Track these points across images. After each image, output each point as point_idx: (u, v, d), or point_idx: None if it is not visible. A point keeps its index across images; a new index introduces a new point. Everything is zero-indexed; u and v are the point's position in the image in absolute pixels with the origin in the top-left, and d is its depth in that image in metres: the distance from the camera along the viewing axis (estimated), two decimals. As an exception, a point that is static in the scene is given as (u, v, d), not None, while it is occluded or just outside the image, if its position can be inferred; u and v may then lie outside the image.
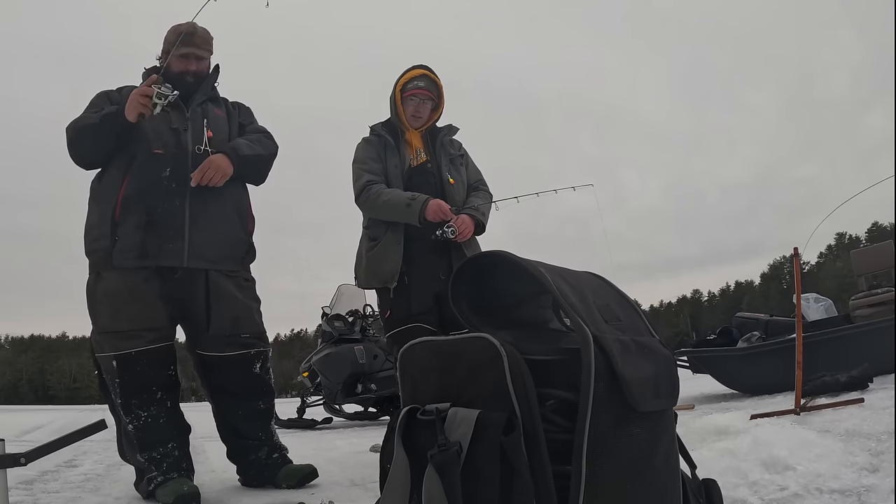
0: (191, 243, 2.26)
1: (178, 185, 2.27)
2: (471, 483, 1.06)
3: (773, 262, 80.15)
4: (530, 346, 1.13)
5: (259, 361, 2.42)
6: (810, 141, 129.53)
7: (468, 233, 2.60)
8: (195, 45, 2.40)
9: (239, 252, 2.43)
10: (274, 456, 2.42)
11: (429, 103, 2.72)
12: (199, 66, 2.44)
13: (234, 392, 2.40)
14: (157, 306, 2.25)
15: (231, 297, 2.36)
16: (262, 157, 2.48)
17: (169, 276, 2.27)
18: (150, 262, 2.23)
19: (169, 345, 2.29)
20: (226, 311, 2.34)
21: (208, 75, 2.48)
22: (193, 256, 2.27)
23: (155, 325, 2.24)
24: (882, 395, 3.15)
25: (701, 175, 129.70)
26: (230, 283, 2.37)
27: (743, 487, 1.80)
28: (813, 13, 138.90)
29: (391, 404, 6.28)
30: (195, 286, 2.31)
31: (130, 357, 2.20)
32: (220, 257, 2.35)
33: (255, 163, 2.45)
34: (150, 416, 2.22)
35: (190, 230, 2.27)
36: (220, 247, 2.34)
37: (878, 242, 7.66)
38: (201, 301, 2.32)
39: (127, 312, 2.21)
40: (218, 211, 2.35)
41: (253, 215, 2.54)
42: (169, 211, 2.25)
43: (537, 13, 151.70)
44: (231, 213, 2.41)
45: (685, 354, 5.20)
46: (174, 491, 2.09)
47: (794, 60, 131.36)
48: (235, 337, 2.36)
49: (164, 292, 2.27)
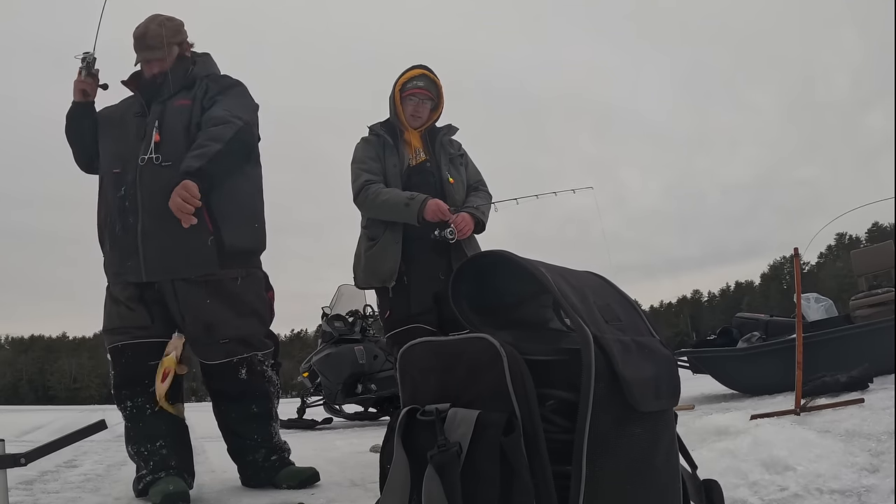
0: (145, 258, 2.24)
1: (130, 203, 2.26)
2: (471, 483, 1.06)
3: (773, 262, 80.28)
4: (530, 347, 1.13)
5: (244, 368, 2.34)
6: (811, 142, 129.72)
7: (468, 230, 2.60)
8: (148, 48, 2.33)
9: (203, 255, 2.26)
10: (272, 458, 2.41)
11: (428, 103, 2.72)
12: (163, 64, 2.35)
13: (228, 396, 2.40)
14: (139, 309, 2.29)
15: (199, 305, 2.27)
16: (220, 151, 2.21)
17: (149, 287, 2.30)
18: (122, 279, 2.31)
19: (155, 342, 2.29)
20: (196, 319, 2.28)
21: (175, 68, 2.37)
22: (150, 271, 2.25)
23: (137, 324, 2.28)
24: (882, 396, 3.15)
25: (702, 175, 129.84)
26: (201, 290, 2.27)
27: (743, 488, 1.80)
28: (816, 14, 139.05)
29: (391, 404, 6.29)
30: (168, 297, 2.30)
31: (118, 349, 2.29)
32: (179, 265, 2.26)
33: (218, 160, 2.21)
34: (136, 407, 2.25)
35: (143, 245, 2.23)
36: (178, 255, 2.24)
37: (878, 243, 7.66)
38: (176, 310, 2.31)
39: (117, 314, 2.31)
40: (169, 218, 2.18)
41: (233, 209, 2.33)
42: (125, 229, 2.27)
43: (539, 13, 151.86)
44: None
45: (685, 354, 5.20)
46: (161, 491, 2.09)
47: (797, 61, 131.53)
48: (214, 345, 2.30)
49: (146, 297, 2.30)
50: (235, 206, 2.34)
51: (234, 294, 2.33)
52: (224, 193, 2.30)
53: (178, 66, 2.39)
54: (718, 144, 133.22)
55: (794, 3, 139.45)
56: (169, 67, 2.35)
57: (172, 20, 2.40)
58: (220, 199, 2.29)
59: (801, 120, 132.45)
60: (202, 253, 2.26)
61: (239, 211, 2.36)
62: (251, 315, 2.38)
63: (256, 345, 2.38)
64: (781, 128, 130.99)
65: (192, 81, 2.40)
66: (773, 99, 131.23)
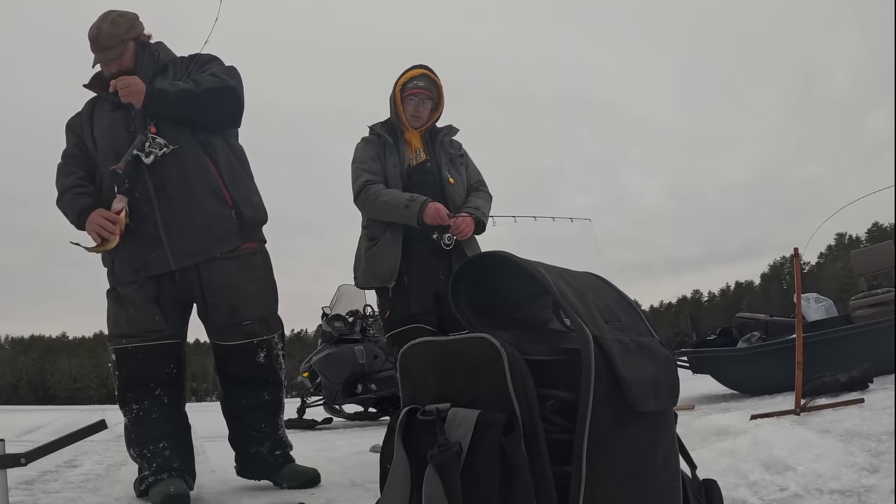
0: (171, 245, 2.22)
1: (140, 194, 2.23)
2: (471, 483, 1.06)
3: (773, 262, 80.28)
4: (530, 347, 1.13)
5: (263, 351, 2.37)
6: (812, 142, 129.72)
7: (469, 231, 2.60)
8: (102, 49, 2.28)
9: (227, 229, 2.30)
10: (276, 453, 2.40)
11: (428, 103, 2.72)
12: (121, 62, 2.31)
13: (241, 381, 2.38)
14: (151, 310, 2.26)
15: (225, 285, 2.29)
16: (192, 94, 2.22)
17: (166, 280, 2.27)
18: (143, 275, 2.25)
19: (167, 343, 2.28)
20: (222, 301, 2.30)
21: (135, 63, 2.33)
22: (178, 257, 2.23)
23: (151, 327, 2.25)
24: (882, 396, 3.15)
25: (702, 175, 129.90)
26: (226, 269, 2.30)
27: (743, 488, 1.80)
28: (816, 14, 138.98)
29: (391, 404, 6.29)
30: (191, 283, 2.29)
31: (127, 351, 2.25)
32: (206, 245, 2.27)
33: (182, 100, 2.22)
34: (143, 410, 2.23)
35: (166, 233, 2.22)
36: (201, 235, 2.26)
37: (878, 243, 7.66)
38: (199, 295, 2.30)
39: (126, 319, 2.27)
40: (187, 201, 2.24)
41: (241, 178, 2.39)
42: (141, 220, 2.23)
43: (540, 12, 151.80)
44: (201, 195, 2.28)
45: (685, 355, 5.21)
46: (161, 492, 2.09)
47: (797, 61, 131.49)
48: (236, 326, 2.32)
49: (162, 295, 2.27)
50: (242, 178, 2.41)
51: (256, 269, 2.39)
52: (231, 166, 2.37)
53: (140, 55, 2.35)
54: (719, 144, 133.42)
55: (795, 3, 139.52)
56: (128, 65, 2.31)
57: (125, 15, 2.33)
58: (230, 171, 2.35)
59: (802, 120, 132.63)
60: (226, 227, 2.31)
61: (245, 182, 2.42)
62: (269, 293, 2.43)
63: (274, 325, 2.43)
64: (782, 128, 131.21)
65: (163, 66, 2.38)
66: (773, 99, 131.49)
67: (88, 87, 2.40)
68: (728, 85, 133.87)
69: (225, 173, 2.33)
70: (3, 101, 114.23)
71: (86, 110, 2.38)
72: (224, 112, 2.35)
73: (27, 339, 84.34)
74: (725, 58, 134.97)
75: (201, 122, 2.31)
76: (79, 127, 2.37)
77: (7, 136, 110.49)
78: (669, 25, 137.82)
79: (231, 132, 2.46)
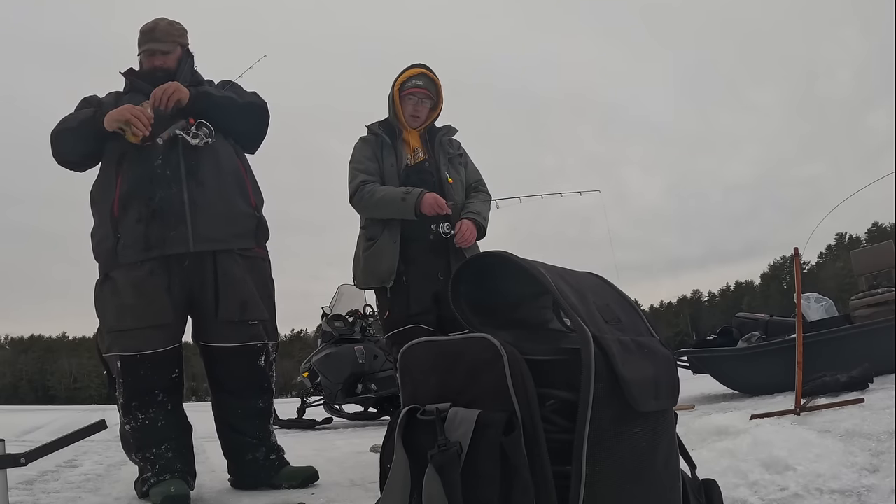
0: (194, 226, 2.22)
1: (172, 172, 2.24)
2: (471, 483, 1.06)
3: (773, 262, 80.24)
4: (530, 347, 1.13)
5: (264, 355, 2.38)
6: (814, 141, 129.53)
7: (472, 239, 2.59)
8: (156, 41, 2.38)
9: (247, 227, 2.36)
10: (272, 457, 2.40)
11: (427, 102, 2.72)
12: (166, 60, 2.40)
13: (235, 388, 2.38)
14: (163, 301, 2.22)
15: (240, 280, 2.31)
16: (235, 103, 2.36)
17: (176, 266, 2.24)
18: (156, 253, 2.20)
19: (175, 347, 2.28)
20: (234, 295, 2.29)
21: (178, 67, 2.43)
22: (199, 239, 2.23)
23: (161, 321, 2.21)
24: (882, 395, 3.15)
25: (703, 175, 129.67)
26: (241, 265, 2.32)
27: (743, 488, 1.80)
28: (818, 11, 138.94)
29: (391, 404, 6.29)
30: (204, 272, 2.27)
31: (135, 360, 2.20)
32: (227, 236, 2.29)
33: (225, 106, 2.34)
34: (148, 419, 2.22)
35: (191, 213, 2.22)
36: (225, 225, 2.28)
37: (878, 242, 7.66)
38: (210, 287, 2.28)
39: (132, 309, 2.20)
40: (217, 189, 2.29)
41: (259, 189, 2.48)
42: (167, 198, 2.22)
43: (543, 10, 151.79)
44: (231, 188, 2.34)
45: (685, 354, 5.21)
46: (162, 492, 2.09)
47: (799, 60, 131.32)
48: (243, 323, 2.32)
49: (172, 285, 2.25)
50: (259, 188, 2.50)
51: (263, 275, 2.44)
52: (252, 174, 2.48)
53: (184, 62, 2.46)
54: (720, 143, 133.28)
55: (797, 1, 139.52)
56: (172, 66, 2.41)
57: (178, 24, 2.48)
58: (252, 177, 2.47)
59: (803, 119, 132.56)
60: (248, 225, 2.38)
61: (261, 193, 2.50)
62: (271, 302, 2.47)
63: (272, 334, 2.45)
64: (783, 127, 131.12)
65: (199, 80, 2.48)
66: (775, 98, 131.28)
67: (126, 75, 2.44)
68: (730, 83, 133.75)
69: (250, 177, 2.46)
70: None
71: (110, 97, 2.40)
72: (257, 125, 2.49)
73: (27, 339, 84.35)
74: (727, 56, 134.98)
75: (235, 131, 2.42)
76: (97, 105, 2.36)
77: (8, 136, 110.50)
78: (672, 23, 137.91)
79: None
